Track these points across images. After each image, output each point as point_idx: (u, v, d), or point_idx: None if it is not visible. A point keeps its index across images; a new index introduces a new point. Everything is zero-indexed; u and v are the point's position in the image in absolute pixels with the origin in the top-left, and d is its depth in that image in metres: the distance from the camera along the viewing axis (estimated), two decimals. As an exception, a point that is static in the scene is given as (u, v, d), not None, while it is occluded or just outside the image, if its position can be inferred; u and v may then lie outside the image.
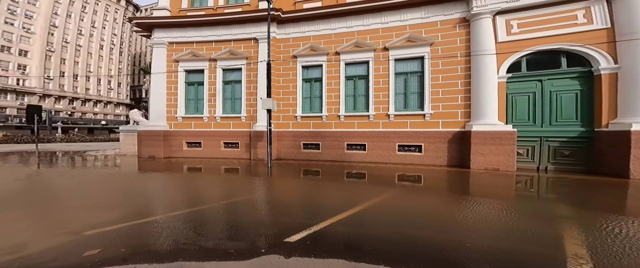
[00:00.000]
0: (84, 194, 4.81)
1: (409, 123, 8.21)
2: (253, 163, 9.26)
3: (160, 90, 10.87)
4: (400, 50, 8.63)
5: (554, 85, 6.89)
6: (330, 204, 4.06)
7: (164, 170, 8.06)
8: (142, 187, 5.96)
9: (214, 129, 10.45)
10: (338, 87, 9.34)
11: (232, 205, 4.16)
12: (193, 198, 4.80)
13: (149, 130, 10.60)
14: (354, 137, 9.19)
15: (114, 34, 52.29)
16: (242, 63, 10.29)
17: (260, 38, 10.31)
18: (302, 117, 10.04)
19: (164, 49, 10.70)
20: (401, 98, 8.51)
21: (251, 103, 10.19)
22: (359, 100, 9.24)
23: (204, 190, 5.51)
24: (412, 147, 8.19)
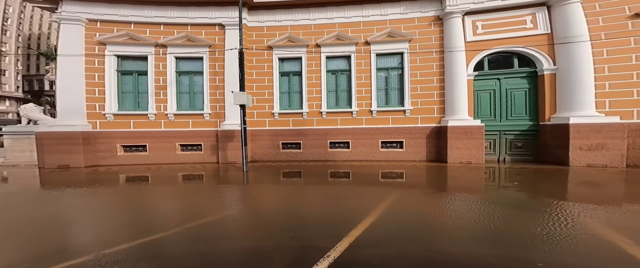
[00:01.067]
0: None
1: (391, 119, 6.19)
2: (222, 168, 6.26)
3: (74, 79, 6.56)
4: (381, 45, 7.12)
5: (509, 84, 6.59)
6: (334, 215, 2.67)
7: (88, 183, 4.59)
8: (54, 212, 2.96)
9: (165, 128, 6.80)
10: (319, 81, 7.47)
11: (202, 228, 2.33)
12: (141, 222, 2.59)
13: (58, 131, 6.30)
14: (337, 134, 7.28)
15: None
16: (203, 51, 6.93)
17: (227, 24, 7.27)
18: (280, 114, 7.46)
19: (79, 26, 6.79)
20: (383, 94, 6.51)
21: (217, 98, 7.28)
22: (341, 96, 7.51)
23: (158, 208, 3.14)
24: (394, 144, 6.24)
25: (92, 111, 6.48)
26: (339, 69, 7.32)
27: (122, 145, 6.61)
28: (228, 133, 6.81)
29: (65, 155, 5.97)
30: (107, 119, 6.55)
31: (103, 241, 2.01)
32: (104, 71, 6.55)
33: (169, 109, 6.84)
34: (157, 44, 6.84)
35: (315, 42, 7.27)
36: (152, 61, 6.82)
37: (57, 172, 5.47)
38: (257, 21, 7.56)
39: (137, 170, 5.86)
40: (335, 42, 7.18)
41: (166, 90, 6.84)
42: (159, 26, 6.91)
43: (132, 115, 6.69)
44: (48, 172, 5.54)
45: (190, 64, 7.11)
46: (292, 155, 7.20)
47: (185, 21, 6.94)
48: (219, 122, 7.05)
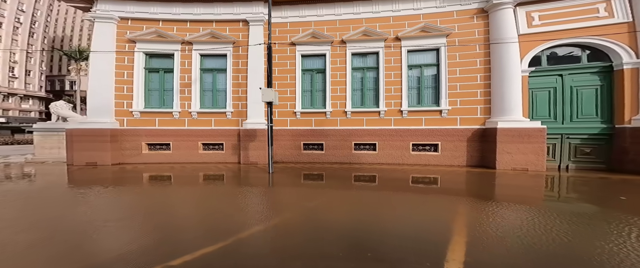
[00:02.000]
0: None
1: (424, 120, 4.91)
2: (243, 169, 5.46)
3: (104, 76, 6.06)
4: (413, 40, 5.92)
5: (575, 81, 5.08)
6: (405, 229, 2.07)
7: (115, 182, 4.02)
8: (77, 214, 2.51)
9: (188, 127, 6.43)
10: (344, 79, 6.37)
11: (258, 239, 1.87)
12: (175, 232, 2.04)
13: (87, 128, 5.82)
14: (363, 135, 6.17)
15: (21, 10, 30.73)
16: (227, 48, 6.55)
17: (251, 20, 6.44)
18: (302, 113, 6.48)
19: (112, 24, 6.26)
20: (415, 93, 5.36)
21: (239, 96, 6.47)
22: (367, 95, 6.38)
23: (190, 214, 2.60)
24: (428, 146, 4.98)
25: (120, 108, 5.96)
26: (366, 67, 6.16)
27: (147, 143, 6.02)
28: (250, 132, 5.95)
29: (94, 153, 5.43)
30: (134, 116, 5.99)
31: (136, 258, 1.46)
32: (132, 69, 6.00)
33: (192, 107, 6.15)
34: (183, 41, 6.17)
35: (340, 39, 6.24)
36: (178, 58, 6.17)
37: (84, 170, 4.97)
38: (280, 17, 6.63)
39: (162, 169, 5.21)
40: (361, 38, 6.12)
41: (190, 88, 6.15)
42: (185, 23, 6.23)
43: (157, 113, 6.08)
44: (75, 169, 5.04)
45: (213, 61, 6.37)
46: (314, 157, 6.18)
47: (210, 18, 6.19)
48: (241, 120, 6.23)
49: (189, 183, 3.85)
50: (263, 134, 6.15)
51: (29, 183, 4.06)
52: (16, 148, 12.38)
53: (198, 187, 3.66)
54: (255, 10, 6.16)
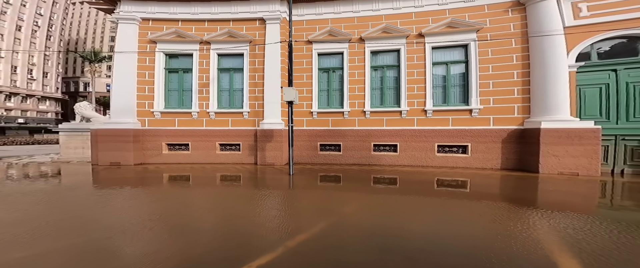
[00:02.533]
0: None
1: (451, 120, 4.23)
2: (260, 170, 5.10)
3: (127, 77, 5.85)
4: (439, 36, 5.27)
5: (631, 76, 4.30)
6: (468, 240, 1.75)
7: (141, 182, 3.83)
8: (106, 214, 2.40)
9: (206, 127, 6.13)
10: (363, 78, 5.86)
11: (311, 248, 1.59)
12: (209, 241, 1.79)
13: (112, 128, 5.63)
14: (383, 136, 5.63)
15: (39, 14, 30.13)
16: (243, 47, 6.17)
17: (268, 18, 6.01)
18: (318, 113, 6.02)
19: (134, 25, 6.03)
20: (440, 91, 4.50)
21: (256, 96, 6.08)
22: (387, 94, 5.83)
23: (219, 221, 2.28)
24: (455, 148, 4.29)
25: (142, 109, 5.73)
26: (386, 65, 5.59)
27: (167, 144, 5.75)
28: (267, 132, 5.54)
29: (117, 153, 5.22)
30: (155, 116, 5.75)
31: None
32: (153, 69, 5.75)
33: (210, 107, 5.82)
34: (201, 41, 5.85)
35: (358, 36, 5.71)
36: (197, 58, 5.85)
37: (109, 169, 4.79)
38: (296, 15, 6.15)
39: (183, 169, 4.91)
40: (381, 36, 5.56)
41: (208, 87, 5.82)
42: (203, 23, 5.90)
43: (177, 113, 5.80)
44: (100, 169, 4.87)
45: (230, 60, 6.00)
46: (331, 158, 5.68)
47: (228, 17, 5.82)
48: (258, 120, 5.83)
49: (214, 185, 3.65)
50: (280, 134, 5.71)
51: (63, 183, 3.88)
52: (38, 147, 11.94)
53: (225, 189, 3.44)
54: (272, 8, 5.70)
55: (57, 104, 34.06)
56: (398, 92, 5.47)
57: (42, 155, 7.77)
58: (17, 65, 28.02)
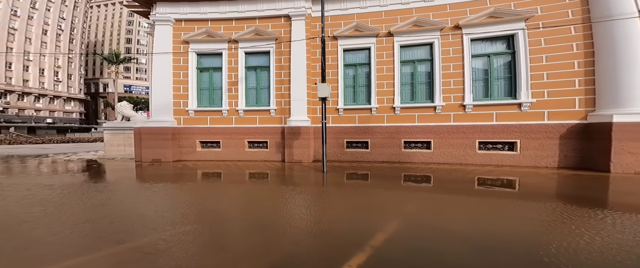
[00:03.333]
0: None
1: (495, 115, 3.35)
2: (290, 167, 4.77)
3: (164, 77, 5.74)
4: (479, 28, 4.64)
5: None
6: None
7: (183, 178, 3.68)
8: (152, 209, 2.33)
9: (235, 125, 5.98)
10: (392, 73, 5.43)
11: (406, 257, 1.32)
12: (301, 240, 1.61)
13: (154, 127, 5.60)
14: (414, 132, 5.16)
15: (62, 18, 29.99)
16: (270, 45, 5.87)
17: (293, 15, 5.66)
18: (345, 110, 5.61)
19: (169, 27, 5.91)
20: (481, 85, 3.40)
21: (282, 93, 5.81)
22: (419, 89, 5.33)
23: (296, 220, 2.03)
24: (500, 145, 3.27)
25: (177, 108, 5.58)
26: (417, 59, 5.04)
27: (200, 141, 5.54)
28: (294, 130, 5.14)
29: (158, 150, 5.18)
30: (189, 115, 5.57)
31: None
32: (187, 69, 5.55)
33: (239, 105, 5.50)
34: (229, 40, 5.54)
35: (386, 31, 5.29)
36: (226, 57, 5.55)
37: (153, 166, 4.81)
38: (320, 11, 5.52)
39: (216, 166, 4.81)
40: (412, 30, 5.11)
41: (237, 86, 5.53)
42: (231, 22, 5.58)
43: (209, 111, 5.61)
44: (144, 165, 4.91)
45: (257, 58, 5.65)
46: (358, 155, 5.19)
47: (254, 15, 5.47)
48: (284, 118, 5.46)
49: (263, 183, 3.50)
50: (307, 131, 5.28)
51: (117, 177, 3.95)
52: (75, 145, 12.22)
53: (276, 188, 3.24)
54: (297, 4, 5.23)
55: (81, 104, 34.55)
56: (431, 86, 4.85)
57: (84, 152, 7.95)
58: (44, 67, 28.47)
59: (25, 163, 5.96)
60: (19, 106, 26.67)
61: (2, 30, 24.62)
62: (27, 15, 26.64)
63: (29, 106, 27.63)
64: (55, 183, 3.24)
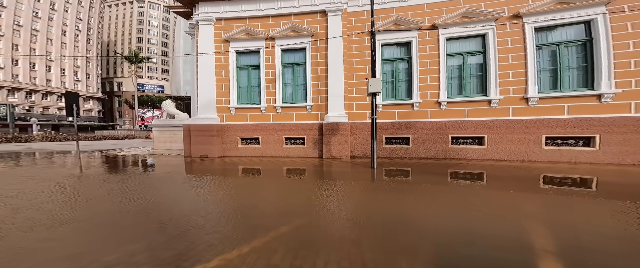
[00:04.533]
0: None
1: (567, 107, 2.08)
2: (326, 163, 4.33)
3: (208, 76, 5.38)
4: (544, 15, 3.85)
5: None
6: None
7: (234, 173, 3.38)
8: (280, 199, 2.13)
9: (273, 121, 5.57)
10: (436, 67, 4.78)
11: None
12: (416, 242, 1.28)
13: (202, 124, 5.30)
14: (464, 128, 4.47)
15: (79, 18, 28.80)
16: (306, 41, 5.40)
17: (330, 10, 5.07)
18: (383, 106, 5.02)
19: (211, 26, 5.52)
20: (546, 76, 2.29)
21: (319, 90, 5.30)
22: (469, 82, 4.64)
23: (405, 218, 1.64)
24: (572, 140, 2.13)
25: (220, 105, 5.14)
26: (466, 52, 4.48)
27: (240, 138, 5.00)
28: (332, 126, 4.57)
29: (205, 146, 4.98)
30: (231, 112, 5.09)
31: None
32: (228, 67, 5.09)
33: (277, 102, 4.90)
34: (267, 38, 4.94)
35: (430, 24, 4.70)
36: (263, 55, 5.00)
37: (204, 162, 4.54)
38: (356, 5, 4.94)
39: (257, 162, 4.50)
40: (460, 21, 4.50)
41: (274, 83, 4.96)
42: (267, 19, 5.03)
43: (249, 108, 5.16)
44: (194, 161, 4.67)
45: (293, 55, 5.15)
46: (398, 152, 4.58)
47: (290, 11, 5.00)
48: (321, 114, 4.86)
49: (318, 180, 3.04)
50: (345, 127, 4.66)
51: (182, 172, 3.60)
52: (111, 143, 12.20)
53: (336, 184, 2.73)
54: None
55: (99, 103, 32.77)
56: (483, 79, 4.16)
57: (127, 148, 7.90)
58: (64, 67, 27.44)
59: (111, 158, 5.77)
60: (43, 105, 25.94)
61: (26, 31, 23.91)
62: (47, 17, 25.65)
63: (52, 105, 26.79)
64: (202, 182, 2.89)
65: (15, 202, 1.96)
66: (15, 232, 1.35)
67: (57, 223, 1.50)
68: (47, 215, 1.72)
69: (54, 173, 3.21)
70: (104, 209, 1.80)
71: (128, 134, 18.51)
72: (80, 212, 1.71)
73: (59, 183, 2.60)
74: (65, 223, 1.50)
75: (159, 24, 41.02)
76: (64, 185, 2.53)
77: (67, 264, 1.04)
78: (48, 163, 4.37)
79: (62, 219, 1.57)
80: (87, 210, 1.76)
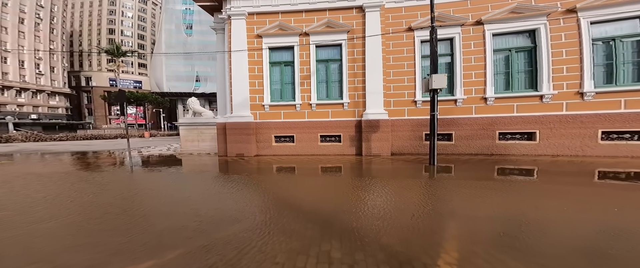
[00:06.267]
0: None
1: (624, 102, 2.06)
2: (372, 161, 4.18)
3: (241, 72, 5.19)
4: (602, 10, 3.78)
5: None
6: None
7: (302, 171, 3.17)
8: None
9: (308, 119, 5.45)
10: (482, 63, 4.88)
11: None
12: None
13: (238, 122, 5.10)
14: (513, 123, 4.43)
15: (40, 6, 24.78)
16: (341, 38, 5.29)
17: (367, 6, 5.00)
18: (423, 102, 4.95)
19: (243, 21, 5.35)
20: (600, 70, 2.27)
21: (355, 86, 5.22)
22: (517, 78, 4.59)
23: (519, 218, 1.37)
24: (627, 134, 2.11)
25: (253, 103, 4.96)
26: (513, 47, 4.42)
27: (274, 136, 4.86)
28: (372, 123, 4.52)
29: (242, 145, 4.80)
30: (265, 110, 4.94)
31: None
32: (262, 63, 4.93)
33: (312, 99, 4.81)
34: (301, 33, 4.80)
35: (474, 20, 4.63)
36: (297, 51, 4.89)
37: (242, 162, 4.33)
38: (393, 2, 4.85)
39: (295, 161, 4.33)
40: (508, 17, 4.42)
41: (309, 79, 4.86)
42: (301, 14, 4.92)
43: (283, 105, 5.02)
44: (233, 161, 4.44)
45: (328, 51, 5.07)
46: (440, 148, 4.50)
47: (325, 6, 4.87)
48: (357, 111, 4.78)
49: (385, 179, 2.85)
50: (386, 124, 4.63)
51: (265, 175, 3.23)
52: (113, 142, 11.11)
53: (404, 182, 2.58)
54: (372, -6, 4.41)
55: (66, 99, 27.89)
56: (533, 75, 4.11)
57: (146, 148, 7.43)
58: (24, 59, 23.35)
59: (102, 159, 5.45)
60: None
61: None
62: (1, 2, 21.74)
63: (9, 101, 22.52)
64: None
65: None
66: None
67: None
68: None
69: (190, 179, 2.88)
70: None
71: (119, 133, 16.41)
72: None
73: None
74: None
75: (134, 15, 35.22)
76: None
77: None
78: (151, 170, 3.62)
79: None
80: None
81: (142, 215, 1.70)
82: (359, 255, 1.08)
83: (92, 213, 1.76)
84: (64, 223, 1.58)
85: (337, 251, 1.12)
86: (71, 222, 1.59)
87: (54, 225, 1.56)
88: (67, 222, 1.59)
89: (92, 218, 1.67)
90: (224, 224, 1.50)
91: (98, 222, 1.59)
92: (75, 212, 1.76)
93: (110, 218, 1.67)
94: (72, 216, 1.74)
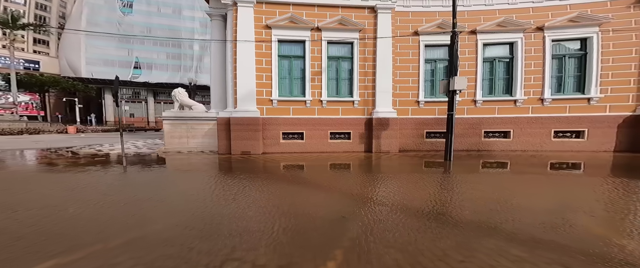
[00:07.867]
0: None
1: (568, 108, 3.42)
2: (375, 157, 4.56)
3: (247, 64, 4.88)
4: (559, 31, 5.07)
5: None
6: None
7: (322, 170, 3.05)
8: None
9: (318, 116, 5.50)
10: (474, 69, 5.66)
11: None
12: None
13: (244, 117, 4.77)
14: (494, 123, 5.30)
15: None
16: (353, 36, 5.46)
17: (380, 7, 5.29)
18: (426, 103, 5.54)
19: (250, 9, 5.00)
20: (555, 81, 3.69)
21: (365, 85, 5.49)
22: (498, 84, 5.44)
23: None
24: (569, 133, 3.51)
25: (260, 97, 4.74)
26: (498, 56, 5.24)
27: (283, 132, 4.82)
28: (382, 121, 4.92)
29: (248, 142, 4.51)
30: (273, 105, 4.78)
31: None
32: (270, 56, 4.73)
33: (323, 96, 4.93)
34: (313, 28, 4.81)
35: (469, 30, 5.34)
36: (309, 46, 4.90)
37: (249, 160, 3.99)
38: (402, 6, 5.35)
39: (305, 159, 4.24)
40: (496, 29, 5.23)
41: (320, 76, 4.95)
42: (313, 8, 4.92)
43: (292, 101, 4.99)
44: (248, 158, 4.16)
45: (339, 48, 5.22)
46: (438, 145, 5.28)
47: (338, 3, 4.98)
48: (367, 109, 5.14)
49: (411, 174, 3.03)
50: (395, 122, 5.13)
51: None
52: (34, 139, 8.20)
53: (403, 181, 2.70)
54: (385, -4, 4.75)
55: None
56: (509, 82, 5.18)
57: (95, 146, 5.83)
58: None
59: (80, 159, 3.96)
60: None
61: None
62: None
63: None
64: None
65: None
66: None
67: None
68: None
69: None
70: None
71: (25, 128, 11.35)
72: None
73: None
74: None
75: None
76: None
77: None
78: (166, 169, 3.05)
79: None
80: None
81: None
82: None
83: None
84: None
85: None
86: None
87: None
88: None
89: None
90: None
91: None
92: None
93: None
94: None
